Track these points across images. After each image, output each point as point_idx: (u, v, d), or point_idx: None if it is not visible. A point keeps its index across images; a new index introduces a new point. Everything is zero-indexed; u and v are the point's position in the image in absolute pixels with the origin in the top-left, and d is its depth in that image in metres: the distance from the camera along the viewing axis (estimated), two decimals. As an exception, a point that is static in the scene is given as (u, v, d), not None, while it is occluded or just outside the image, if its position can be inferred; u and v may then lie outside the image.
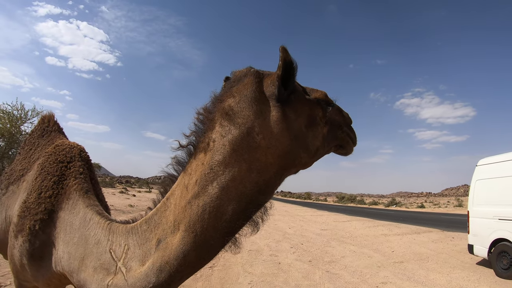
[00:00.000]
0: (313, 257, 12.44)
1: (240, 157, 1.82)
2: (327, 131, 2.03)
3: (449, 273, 10.24)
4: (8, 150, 20.85)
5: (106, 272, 2.13)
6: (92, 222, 2.42)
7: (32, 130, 4.05)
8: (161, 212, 2.05)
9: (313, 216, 34.94)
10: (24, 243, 2.61)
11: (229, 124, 1.86)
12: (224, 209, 1.82)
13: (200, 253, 1.88)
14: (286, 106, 1.86)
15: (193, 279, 8.75)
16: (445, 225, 25.60)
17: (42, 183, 2.79)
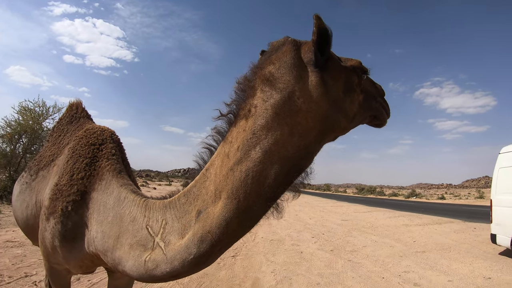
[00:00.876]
0: (334, 247, 12.52)
1: (282, 121, 1.87)
2: (363, 99, 2.11)
3: (472, 263, 10.21)
4: (31, 146, 21.25)
5: (143, 248, 2.16)
6: (127, 200, 2.46)
7: (60, 118, 4.14)
8: (201, 183, 2.08)
9: (333, 207, 34.91)
10: (56, 225, 2.66)
11: (271, 89, 1.92)
12: (267, 173, 1.86)
13: (242, 220, 1.91)
14: (324, 71, 1.92)
15: (216, 268, 8.96)
16: (467, 215, 25.37)
17: (74, 165, 2.85)
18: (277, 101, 1.88)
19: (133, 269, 2.16)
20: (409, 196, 70.40)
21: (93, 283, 7.15)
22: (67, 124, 3.83)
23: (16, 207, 3.82)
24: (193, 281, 7.75)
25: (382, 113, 2.26)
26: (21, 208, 3.59)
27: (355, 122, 2.11)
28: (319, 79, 1.89)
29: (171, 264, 2.01)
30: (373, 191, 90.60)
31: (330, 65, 1.95)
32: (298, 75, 1.90)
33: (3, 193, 18.17)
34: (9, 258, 8.64)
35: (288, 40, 2.02)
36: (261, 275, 8.57)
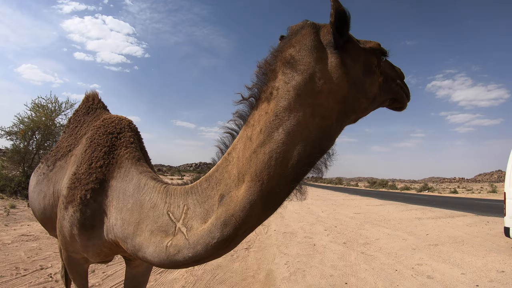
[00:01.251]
0: (347, 239, 12.55)
1: (304, 102, 1.88)
2: (383, 81, 2.13)
3: (485, 256, 10.16)
4: (44, 142, 21.50)
5: (164, 234, 2.18)
6: (147, 187, 2.46)
7: (77, 109, 4.15)
8: (223, 167, 2.09)
9: (345, 200, 34.89)
10: (75, 213, 2.67)
11: (292, 72, 1.93)
12: (290, 154, 1.87)
13: (266, 202, 1.92)
14: (343, 53, 1.93)
15: (229, 260, 9.07)
16: (479, 209, 25.18)
17: (92, 154, 2.85)
18: (299, 83, 1.90)
19: (154, 255, 2.18)
20: (421, 190, 69.97)
21: (108, 275, 7.25)
22: (84, 115, 3.86)
23: (33, 198, 3.86)
24: (207, 273, 7.85)
25: (402, 96, 2.25)
26: (38, 198, 3.63)
27: (375, 103, 2.12)
28: (339, 61, 1.91)
29: (194, 249, 2.03)
30: (385, 184, 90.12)
31: (349, 46, 1.97)
32: (318, 56, 1.92)
33: (18, 188, 18.43)
34: (25, 252, 8.78)
35: (307, 23, 2.04)
36: (275, 267, 8.64)
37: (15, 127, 20.81)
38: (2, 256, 8.21)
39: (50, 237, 10.49)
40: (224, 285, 7.15)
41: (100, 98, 4.07)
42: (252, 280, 7.51)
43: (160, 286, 6.88)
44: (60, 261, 5.40)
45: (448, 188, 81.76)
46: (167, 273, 7.73)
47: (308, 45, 1.95)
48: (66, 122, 21.33)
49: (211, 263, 8.62)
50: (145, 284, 3.40)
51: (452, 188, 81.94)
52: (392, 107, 2.29)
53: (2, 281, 6.47)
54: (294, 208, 24.38)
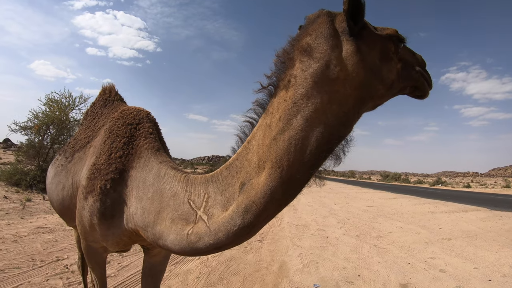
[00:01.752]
0: (360, 232, 12.57)
1: (321, 89, 1.92)
2: (401, 68, 2.12)
3: (498, 251, 10.08)
4: (58, 136, 21.69)
5: (185, 222, 2.22)
6: (167, 176, 2.51)
7: (94, 102, 4.22)
8: (243, 155, 2.13)
9: (358, 194, 34.79)
10: (95, 203, 2.73)
11: (309, 59, 1.97)
12: (309, 141, 1.91)
13: (286, 189, 1.96)
14: (359, 40, 1.96)
15: (243, 252, 9.14)
16: (493, 204, 24.89)
17: (112, 145, 2.91)
18: (316, 70, 1.93)
19: (175, 242, 2.23)
20: (435, 183, 69.44)
21: (123, 266, 7.37)
22: (101, 107, 3.93)
23: (51, 190, 3.94)
24: (221, 264, 7.93)
25: (423, 83, 2.22)
26: (57, 189, 3.70)
27: (393, 90, 2.12)
28: (354, 47, 1.94)
29: (215, 236, 2.07)
30: (398, 178, 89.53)
31: (365, 33, 1.99)
32: (334, 44, 1.95)
33: (33, 182, 18.64)
34: (41, 243, 8.91)
35: (323, 12, 2.07)
36: (288, 258, 8.68)
37: (29, 122, 21.01)
38: (19, 248, 8.34)
39: (65, 229, 10.68)
40: (238, 276, 7.21)
41: (117, 91, 4.13)
42: (265, 272, 7.57)
43: (175, 276, 6.98)
44: (76, 252, 5.49)
45: (462, 183, 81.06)
46: (181, 263, 7.85)
47: (324, 33, 1.98)
48: (80, 116, 21.67)
49: (225, 254, 8.74)
50: (163, 273, 3.46)
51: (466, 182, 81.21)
52: (414, 95, 2.26)
53: (19, 272, 6.59)
54: (307, 200, 24.43)
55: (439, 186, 64.91)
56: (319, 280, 7.08)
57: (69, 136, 22.10)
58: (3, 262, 7.15)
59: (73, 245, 8.70)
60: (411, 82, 2.17)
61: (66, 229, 10.69)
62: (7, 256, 7.61)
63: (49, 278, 6.40)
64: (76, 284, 6.15)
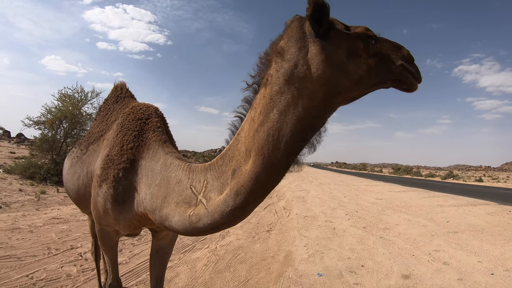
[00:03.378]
0: (367, 224, 12.72)
1: (292, 86, 2.19)
2: (375, 62, 2.24)
3: (503, 245, 10.14)
4: (71, 130, 22.14)
5: (187, 205, 2.53)
6: (173, 165, 2.80)
7: (106, 98, 4.52)
8: (234, 146, 2.44)
9: (368, 186, 34.82)
10: (108, 190, 3.02)
11: (281, 60, 2.25)
12: (284, 131, 2.18)
13: (268, 173, 2.24)
14: (325, 40, 2.17)
15: (251, 241, 9.42)
16: (503, 198, 24.73)
17: (124, 137, 3.20)
18: (286, 70, 2.22)
19: (178, 223, 2.54)
20: (446, 177, 69.01)
21: (134, 253, 7.67)
22: (113, 104, 4.23)
23: (67, 179, 4.26)
24: (229, 253, 8.19)
25: (407, 77, 2.28)
26: (73, 179, 4.01)
27: (364, 84, 2.25)
28: (319, 48, 2.16)
29: (212, 217, 2.38)
30: (409, 171, 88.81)
31: (332, 34, 2.20)
32: (301, 46, 2.21)
33: (47, 175, 19.06)
34: (56, 233, 9.25)
35: (296, 18, 2.34)
36: (294, 248, 8.90)
37: (42, 117, 21.44)
38: (35, 238, 8.67)
39: (79, 219, 11.04)
40: (245, 264, 7.45)
41: (128, 88, 4.45)
42: (271, 261, 7.79)
43: (184, 264, 7.24)
44: (90, 240, 5.79)
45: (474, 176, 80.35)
46: (190, 252, 8.12)
47: (294, 37, 2.26)
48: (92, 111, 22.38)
49: (233, 243, 9.02)
50: (169, 255, 3.77)
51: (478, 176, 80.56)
52: (399, 88, 2.35)
53: (35, 260, 6.90)
54: (317, 193, 24.64)
55: (451, 179, 64.51)
56: (323, 269, 7.28)
57: (81, 130, 22.65)
58: (20, 250, 7.46)
59: (86, 235, 9.04)
60: (391, 76, 2.28)
61: (79, 219, 11.05)
62: (24, 245, 7.93)
63: (64, 265, 6.71)
64: (90, 270, 6.45)
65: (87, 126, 22.86)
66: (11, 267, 6.43)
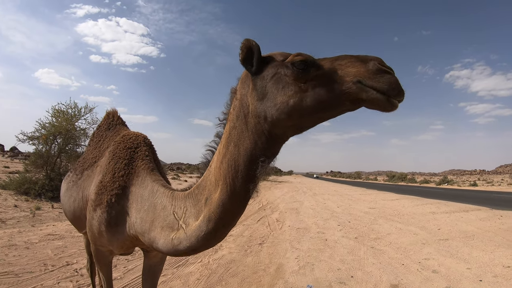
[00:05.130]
0: (359, 234, 12.86)
1: (241, 122, 2.37)
2: (312, 87, 2.12)
3: (493, 251, 10.31)
4: (65, 146, 22.37)
5: (171, 229, 2.75)
6: (159, 192, 3.02)
7: (99, 125, 4.79)
8: (206, 177, 2.65)
9: (362, 195, 35.00)
10: (102, 214, 3.24)
11: (235, 99, 2.49)
12: (239, 161, 2.35)
13: (232, 200, 2.41)
14: (257, 77, 2.30)
15: (243, 255, 9.57)
16: (495, 203, 25.06)
17: (115, 165, 3.44)
18: (237, 107, 2.43)
19: (163, 245, 2.78)
20: (441, 183, 69.28)
21: (129, 269, 7.82)
22: (106, 131, 4.48)
23: (64, 202, 4.50)
24: (221, 267, 8.34)
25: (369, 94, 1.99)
26: (69, 202, 4.25)
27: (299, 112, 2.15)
28: (253, 85, 2.34)
29: (189, 240, 2.61)
30: (404, 178, 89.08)
31: (264, 69, 2.32)
32: (246, 85, 2.41)
33: (42, 190, 19.16)
34: (51, 249, 9.40)
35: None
36: (285, 261, 9.03)
37: (36, 132, 21.62)
38: (31, 254, 8.81)
39: (74, 235, 11.16)
40: (236, 278, 7.59)
41: (119, 115, 4.71)
42: (262, 273, 7.93)
43: (177, 279, 7.38)
44: (85, 257, 5.98)
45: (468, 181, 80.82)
46: (183, 266, 8.26)
47: (242, 78, 2.50)
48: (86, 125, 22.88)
49: (225, 257, 9.17)
50: (160, 272, 4.01)
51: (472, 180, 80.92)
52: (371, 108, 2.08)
53: (32, 276, 7.05)
54: (310, 204, 24.81)
55: (445, 185, 64.81)
56: (313, 281, 7.42)
57: (75, 145, 22.97)
58: (17, 267, 7.62)
59: (82, 251, 9.13)
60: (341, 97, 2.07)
61: (75, 235, 11.17)
62: (20, 261, 8.07)
63: (60, 281, 6.85)
64: (85, 286, 6.59)
65: (81, 141, 23.10)
66: (9, 283, 6.59)
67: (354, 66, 2.08)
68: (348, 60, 2.12)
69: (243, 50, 2.28)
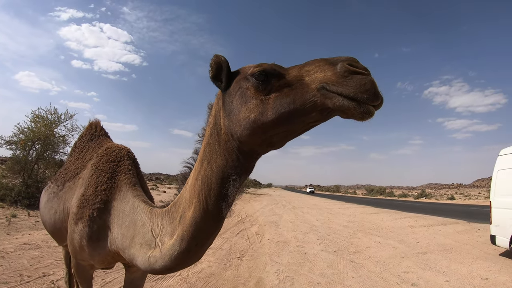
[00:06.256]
0: (338, 248, 12.85)
1: (215, 139, 2.31)
2: (275, 99, 1.98)
3: (471, 264, 10.45)
4: (43, 152, 21.93)
5: (148, 247, 2.70)
6: (139, 208, 2.98)
7: (81, 135, 4.71)
8: (182, 194, 2.59)
9: (341, 209, 35.07)
10: (84, 228, 3.18)
11: (210, 116, 2.47)
12: (212, 179, 2.28)
13: (206, 218, 2.34)
14: (225, 94, 2.27)
15: (223, 268, 9.45)
16: (473, 216, 25.37)
17: (98, 179, 3.38)
18: (212, 124, 2.38)
19: (141, 263, 2.74)
20: (419, 196, 70.06)
21: (107, 282, 7.65)
22: (88, 142, 4.42)
23: (44, 213, 4.39)
24: (200, 280, 8.22)
25: (334, 101, 1.79)
26: (49, 214, 4.15)
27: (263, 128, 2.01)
28: (222, 101, 2.31)
29: (163, 260, 2.55)
30: (382, 192, 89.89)
31: (231, 85, 2.26)
32: (217, 102, 2.39)
33: (18, 197, 18.73)
34: (27, 260, 9.19)
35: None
36: (265, 274, 8.95)
37: (15, 137, 21.17)
38: (6, 264, 8.63)
39: (51, 245, 10.94)
40: (216, 292, 7.44)
41: (102, 126, 4.64)
42: (242, 287, 7.84)
43: (156, 292, 7.20)
44: (62, 268, 5.84)
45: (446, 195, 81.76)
46: (162, 280, 8.13)
47: (217, 95, 2.44)
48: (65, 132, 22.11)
49: (205, 271, 9.06)
50: (141, 287, 3.94)
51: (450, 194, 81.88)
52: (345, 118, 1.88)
53: (7, 287, 6.87)
54: (290, 217, 24.77)
55: (423, 199, 65.47)
56: (293, 295, 7.31)
57: (54, 152, 22.57)
58: (-9, 278, 7.38)
59: (59, 262, 8.97)
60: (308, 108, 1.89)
61: (51, 245, 10.96)
62: (-5, 272, 7.84)
63: (36, 294, 6.64)
64: (62, 299, 6.39)
65: (59, 148, 22.73)
66: (-18, 295, 6.35)
67: (322, 70, 1.88)
68: (317, 65, 1.94)
69: (213, 66, 2.24)
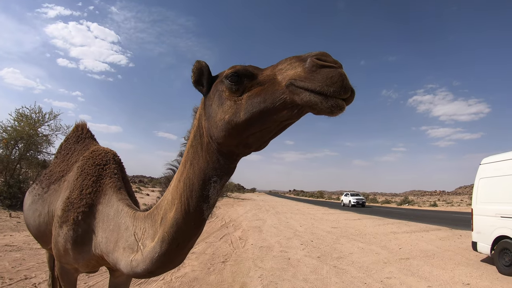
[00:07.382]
0: (322, 254, 12.91)
1: (197, 141, 2.33)
2: (247, 99, 1.98)
3: (453, 270, 10.59)
4: (26, 152, 21.70)
5: (131, 251, 2.69)
6: (123, 212, 2.98)
7: (67, 137, 4.67)
8: (164, 196, 2.59)
9: (324, 215, 35.19)
10: (68, 231, 3.16)
11: (194, 119, 2.49)
12: (194, 180, 2.29)
13: (187, 219, 2.34)
14: (206, 97, 2.31)
15: (206, 273, 9.41)
16: (455, 223, 25.74)
17: (83, 182, 3.37)
18: (195, 127, 2.40)
19: (124, 267, 2.73)
20: (402, 203, 70.62)
21: (90, 285, 7.57)
22: (74, 144, 4.39)
23: (28, 215, 4.34)
24: (184, 285, 8.20)
25: (306, 100, 1.74)
26: (33, 216, 4.11)
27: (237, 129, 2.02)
28: (202, 104, 2.36)
29: (145, 263, 2.54)
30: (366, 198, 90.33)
31: (211, 89, 2.29)
32: (200, 106, 2.42)
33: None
34: (9, 262, 9.04)
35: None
36: (249, 279, 8.95)
37: (-3, 135, 20.82)
38: (-14, 266, 8.44)
39: (32, 247, 10.81)
40: (200, 296, 7.38)
41: (88, 128, 4.62)
42: (226, 292, 7.77)
43: (139, 297, 7.12)
44: (45, 271, 5.76)
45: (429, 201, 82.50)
46: (145, 284, 8.10)
47: (201, 101, 2.43)
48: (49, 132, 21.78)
49: (188, 275, 9.04)
50: None
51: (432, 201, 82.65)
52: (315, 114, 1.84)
53: (-13, 290, 6.72)
54: (273, 222, 24.79)
55: (406, 205, 65.98)
56: (276, 300, 7.29)
57: (37, 152, 22.35)
58: (-29, 280, 7.24)
59: (41, 264, 8.85)
60: (278, 106, 1.88)
61: (33, 247, 10.84)
62: (-26, 274, 7.70)
63: (17, 297, 6.54)
64: (44, 303, 6.30)
65: (42, 148, 22.49)
66: (-39, 298, 6.24)
67: (293, 67, 1.86)
68: (288, 62, 1.91)
69: (195, 72, 2.27)
